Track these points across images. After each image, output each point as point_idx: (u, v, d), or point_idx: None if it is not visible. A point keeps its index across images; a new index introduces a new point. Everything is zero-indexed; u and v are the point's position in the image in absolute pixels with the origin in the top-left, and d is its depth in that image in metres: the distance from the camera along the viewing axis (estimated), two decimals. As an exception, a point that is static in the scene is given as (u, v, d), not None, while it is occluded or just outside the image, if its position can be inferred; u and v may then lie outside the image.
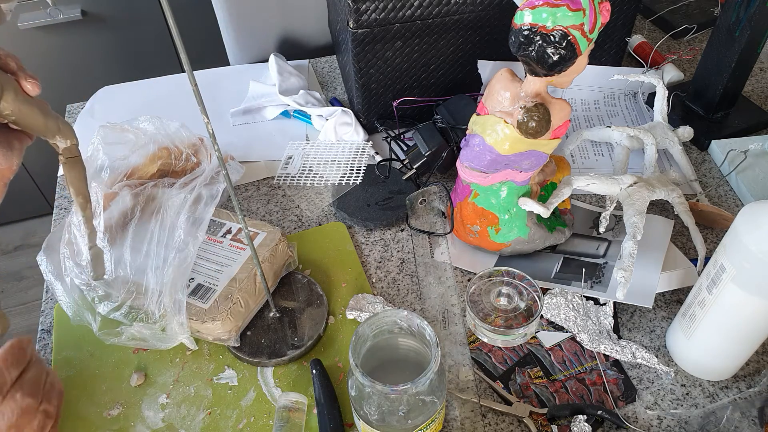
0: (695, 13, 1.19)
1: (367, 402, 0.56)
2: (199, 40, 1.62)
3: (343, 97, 1.07)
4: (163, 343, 0.67)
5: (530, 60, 0.63)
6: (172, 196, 0.72)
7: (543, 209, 0.71)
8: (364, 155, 0.92)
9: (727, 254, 0.58)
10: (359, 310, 0.73)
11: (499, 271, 0.72)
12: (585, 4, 0.60)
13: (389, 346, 0.60)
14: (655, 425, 0.64)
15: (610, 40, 0.99)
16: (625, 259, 0.69)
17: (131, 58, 1.73)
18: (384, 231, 0.85)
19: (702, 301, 0.62)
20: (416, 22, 0.85)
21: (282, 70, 1.06)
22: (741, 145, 0.90)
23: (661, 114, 0.90)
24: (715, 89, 0.92)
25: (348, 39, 0.86)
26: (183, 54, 0.46)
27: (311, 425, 0.65)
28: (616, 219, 0.82)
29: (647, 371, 0.68)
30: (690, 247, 0.80)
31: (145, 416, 0.66)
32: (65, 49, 1.65)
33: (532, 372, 0.69)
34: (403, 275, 0.79)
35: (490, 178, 0.72)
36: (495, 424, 0.65)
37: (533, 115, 0.64)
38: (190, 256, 0.67)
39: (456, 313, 0.74)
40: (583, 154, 0.94)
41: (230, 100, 1.05)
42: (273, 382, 0.69)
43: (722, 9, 0.88)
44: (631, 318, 0.73)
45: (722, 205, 0.87)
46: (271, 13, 1.18)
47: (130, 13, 1.64)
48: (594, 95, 1.02)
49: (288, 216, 0.87)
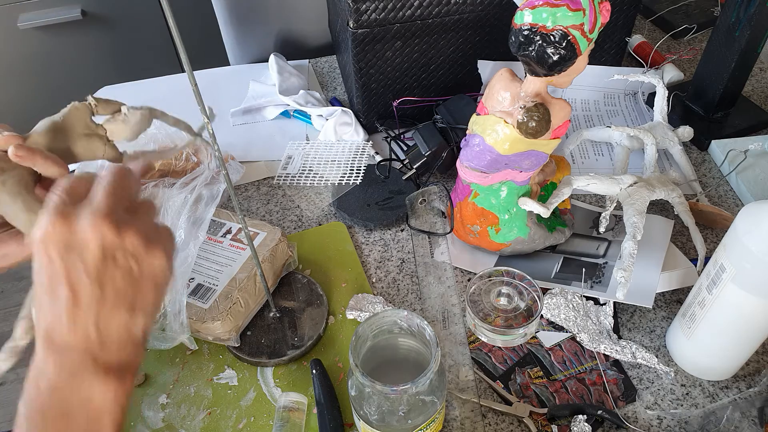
0: (695, 13, 1.19)
1: (367, 402, 0.56)
2: (199, 40, 1.62)
3: (343, 97, 1.07)
4: (163, 343, 0.67)
5: (530, 60, 0.63)
6: (172, 196, 0.72)
7: (543, 209, 0.71)
8: (364, 155, 0.92)
9: (727, 254, 0.58)
10: (359, 310, 0.73)
11: (499, 271, 0.72)
12: (585, 4, 0.60)
13: (389, 346, 0.60)
14: (655, 425, 0.64)
15: (610, 40, 0.99)
16: (625, 259, 0.69)
17: (131, 58, 1.73)
18: (384, 231, 0.85)
19: (702, 301, 0.62)
20: (416, 22, 0.85)
21: (282, 70, 1.06)
22: (741, 145, 0.90)
23: (661, 114, 0.90)
24: (715, 89, 0.92)
25: (348, 39, 0.86)
26: (183, 54, 0.46)
27: (311, 425, 0.65)
28: (616, 219, 0.82)
29: (647, 371, 0.68)
30: (690, 247, 0.80)
31: (145, 416, 0.66)
32: (65, 49, 1.65)
33: (532, 372, 0.69)
34: (403, 275, 0.79)
35: (490, 178, 0.72)
36: (495, 424, 0.65)
37: (533, 115, 0.64)
38: (191, 256, 0.67)
39: (456, 313, 0.74)
40: (583, 154, 0.94)
41: (230, 100, 1.05)
42: (273, 382, 0.69)
43: (722, 9, 0.88)
44: (631, 318, 0.73)
45: (722, 205, 0.87)
46: (271, 13, 1.18)
47: (130, 13, 1.64)
48: (594, 95, 1.02)
49: (288, 216, 0.87)
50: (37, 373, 0.39)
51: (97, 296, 0.40)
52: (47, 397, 0.39)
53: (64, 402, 0.39)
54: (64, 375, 0.39)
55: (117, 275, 0.41)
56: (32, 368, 0.40)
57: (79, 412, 0.40)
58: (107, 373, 0.40)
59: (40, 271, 0.40)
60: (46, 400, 0.39)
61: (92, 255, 0.40)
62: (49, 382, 0.39)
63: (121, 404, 0.41)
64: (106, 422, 0.40)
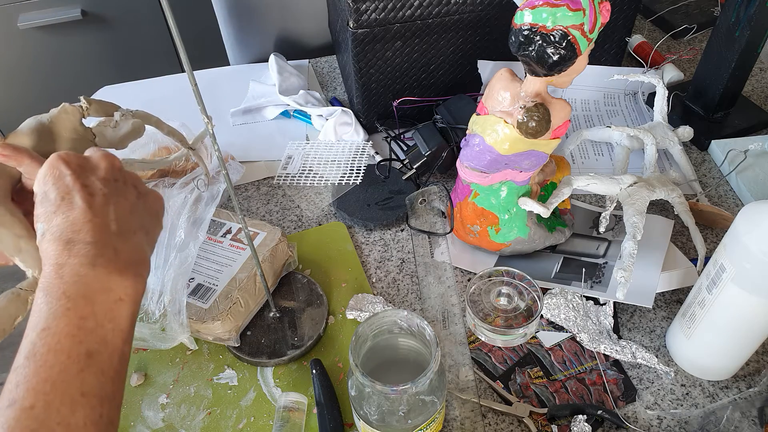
0: (695, 13, 1.19)
1: (367, 402, 0.56)
2: (199, 40, 1.62)
3: (343, 97, 1.07)
4: (163, 343, 0.67)
5: (530, 60, 0.63)
6: (172, 196, 0.72)
7: (543, 209, 0.71)
8: (364, 155, 0.92)
9: (727, 254, 0.58)
10: (359, 310, 0.73)
11: (499, 271, 0.72)
12: (585, 4, 0.60)
13: (389, 346, 0.60)
14: (655, 425, 0.64)
15: (610, 40, 0.99)
16: (625, 259, 0.69)
17: (131, 58, 1.73)
18: (384, 231, 0.85)
19: (702, 301, 0.62)
20: (416, 22, 0.85)
21: (282, 70, 1.06)
22: (741, 145, 0.90)
23: (661, 114, 0.90)
24: (715, 89, 0.92)
25: (348, 39, 0.86)
26: (183, 54, 0.46)
27: (311, 425, 0.64)
28: (616, 219, 0.82)
29: (647, 371, 0.68)
30: (690, 247, 0.80)
31: (145, 416, 0.66)
32: (65, 49, 1.65)
33: (532, 372, 0.69)
34: (403, 275, 0.79)
35: (490, 178, 0.72)
36: (495, 424, 0.65)
37: (533, 115, 0.64)
38: (191, 256, 0.67)
39: (456, 313, 0.74)
40: (583, 154, 0.94)
41: (230, 100, 1.05)
42: (273, 382, 0.69)
43: (722, 9, 0.88)
44: (631, 318, 0.73)
45: (722, 205, 0.87)
46: (271, 13, 1.18)
47: (130, 13, 1.64)
48: (594, 95, 1.02)
49: (288, 216, 0.87)
50: (58, 267, 0.41)
51: (113, 196, 0.44)
52: (70, 285, 0.40)
53: (87, 287, 0.41)
54: (87, 266, 0.41)
55: (126, 190, 0.46)
56: (50, 266, 0.41)
57: (100, 297, 0.41)
58: (126, 266, 0.43)
59: (51, 187, 0.43)
60: (71, 287, 0.40)
61: (104, 171, 0.45)
62: (72, 271, 0.41)
63: (137, 301, 0.44)
64: (125, 311, 0.42)
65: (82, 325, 0.40)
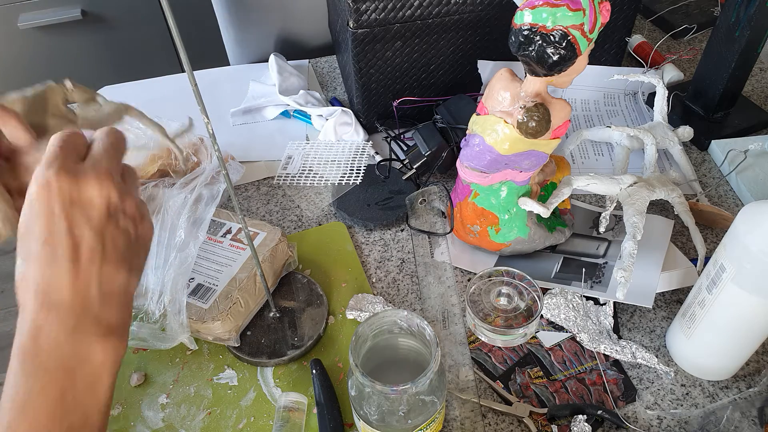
0: (695, 13, 1.19)
1: (367, 402, 0.56)
2: (199, 40, 1.62)
3: (343, 97, 1.07)
4: (163, 343, 0.67)
5: (530, 60, 0.63)
6: (172, 196, 0.72)
7: (543, 209, 0.71)
8: (364, 155, 0.92)
9: (727, 254, 0.58)
10: (359, 310, 0.73)
11: (499, 271, 0.72)
12: (585, 4, 0.60)
13: (389, 346, 0.60)
14: (655, 425, 0.64)
15: (610, 40, 0.99)
16: (625, 259, 0.69)
17: (131, 58, 1.73)
18: (384, 231, 0.85)
19: (702, 301, 0.62)
20: (416, 22, 0.85)
21: (282, 70, 1.05)
22: (741, 145, 0.90)
23: (661, 114, 0.90)
24: (715, 89, 0.92)
25: (348, 39, 0.86)
26: (183, 54, 0.46)
27: (311, 425, 0.65)
28: (616, 219, 0.82)
29: (647, 371, 0.68)
30: (690, 247, 0.80)
31: (145, 416, 0.66)
32: (65, 49, 1.65)
33: (532, 372, 0.69)
34: (403, 275, 0.79)
35: (490, 178, 0.72)
36: (495, 424, 0.65)
37: (533, 115, 0.64)
38: (191, 256, 0.67)
39: (456, 313, 0.74)
40: (583, 154, 0.94)
41: (230, 100, 1.05)
42: (273, 382, 0.69)
43: (722, 9, 0.88)
44: (631, 318, 0.73)
45: (722, 205, 0.87)
46: (271, 13, 1.18)
47: (130, 13, 1.64)
48: (594, 95, 1.02)
49: (288, 216, 0.87)
50: (35, 330, 0.39)
51: (100, 253, 0.40)
52: (48, 355, 0.39)
53: (66, 358, 0.39)
54: (65, 333, 0.39)
55: (118, 235, 0.41)
56: (28, 324, 0.39)
57: (80, 367, 0.40)
58: (108, 332, 0.41)
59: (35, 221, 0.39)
60: (49, 357, 0.39)
61: (98, 212, 0.40)
62: (49, 338, 0.39)
63: (118, 362, 0.42)
64: (105, 380, 0.41)
65: (62, 401, 0.39)
